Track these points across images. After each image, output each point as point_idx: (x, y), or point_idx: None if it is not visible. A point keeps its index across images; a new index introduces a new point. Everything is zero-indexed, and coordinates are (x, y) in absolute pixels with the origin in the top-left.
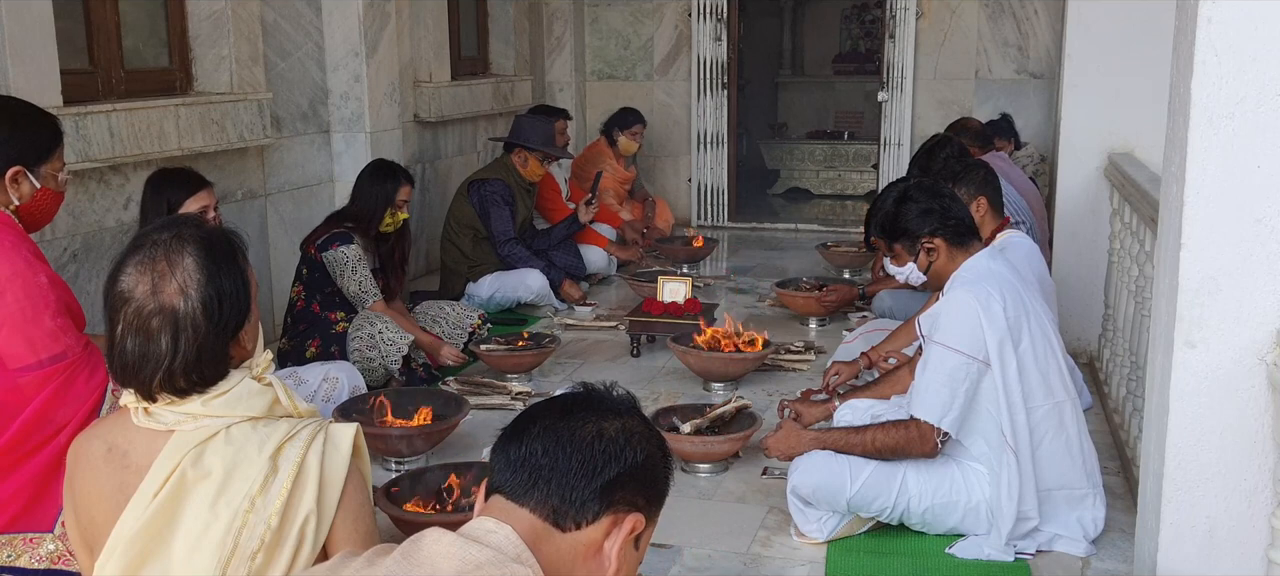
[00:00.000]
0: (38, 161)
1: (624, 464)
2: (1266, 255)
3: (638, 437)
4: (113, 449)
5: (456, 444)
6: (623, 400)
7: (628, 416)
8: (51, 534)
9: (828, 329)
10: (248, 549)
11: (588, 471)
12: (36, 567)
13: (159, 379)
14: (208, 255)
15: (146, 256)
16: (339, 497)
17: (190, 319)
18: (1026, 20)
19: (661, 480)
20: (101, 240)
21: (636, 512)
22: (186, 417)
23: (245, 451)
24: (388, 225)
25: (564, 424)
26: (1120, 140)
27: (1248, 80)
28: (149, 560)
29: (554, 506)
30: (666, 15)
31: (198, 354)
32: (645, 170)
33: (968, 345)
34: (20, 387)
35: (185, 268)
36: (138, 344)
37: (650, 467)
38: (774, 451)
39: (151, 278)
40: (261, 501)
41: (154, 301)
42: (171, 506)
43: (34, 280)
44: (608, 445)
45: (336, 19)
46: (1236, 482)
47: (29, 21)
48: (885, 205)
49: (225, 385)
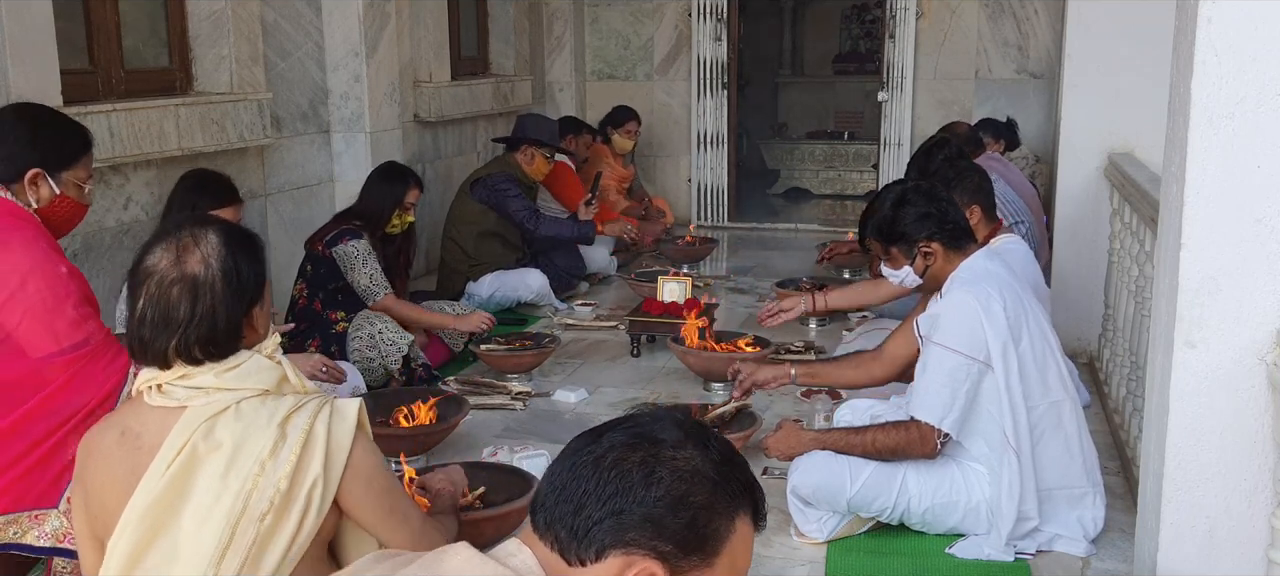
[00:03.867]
0: (59, 167)
1: (636, 498)
2: (1266, 255)
3: (670, 470)
4: (125, 433)
5: (457, 444)
6: (677, 427)
7: (671, 447)
8: (56, 509)
9: (828, 329)
10: (257, 510)
11: (597, 501)
12: (42, 543)
13: (175, 343)
14: (230, 235)
15: (172, 239)
16: (344, 464)
17: (209, 284)
18: (1026, 20)
19: (701, 525)
20: (102, 240)
21: (654, 559)
22: (198, 392)
23: (255, 423)
24: (395, 226)
25: (594, 445)
26: (1120, 140)
27: (1248, 80)
28: (159, 534)
29: (561, 537)
30: (666, 15)
31: (214, 320)
32: (645, 170)
33: (967, 346)
34: (42, 375)
35: (209, 242)
36: (159, 310)
37: (679, 507)
38: (774, 452)
39: (175, 252)
40: (271, 465)
41: (176, 270)
42: (183, 478)
43: (55, 271)
44: (625, 475)
45: (336, 19)
46: (1236, 482)
47: (29, 21)
48: (882, 208)
49: (237, 359)
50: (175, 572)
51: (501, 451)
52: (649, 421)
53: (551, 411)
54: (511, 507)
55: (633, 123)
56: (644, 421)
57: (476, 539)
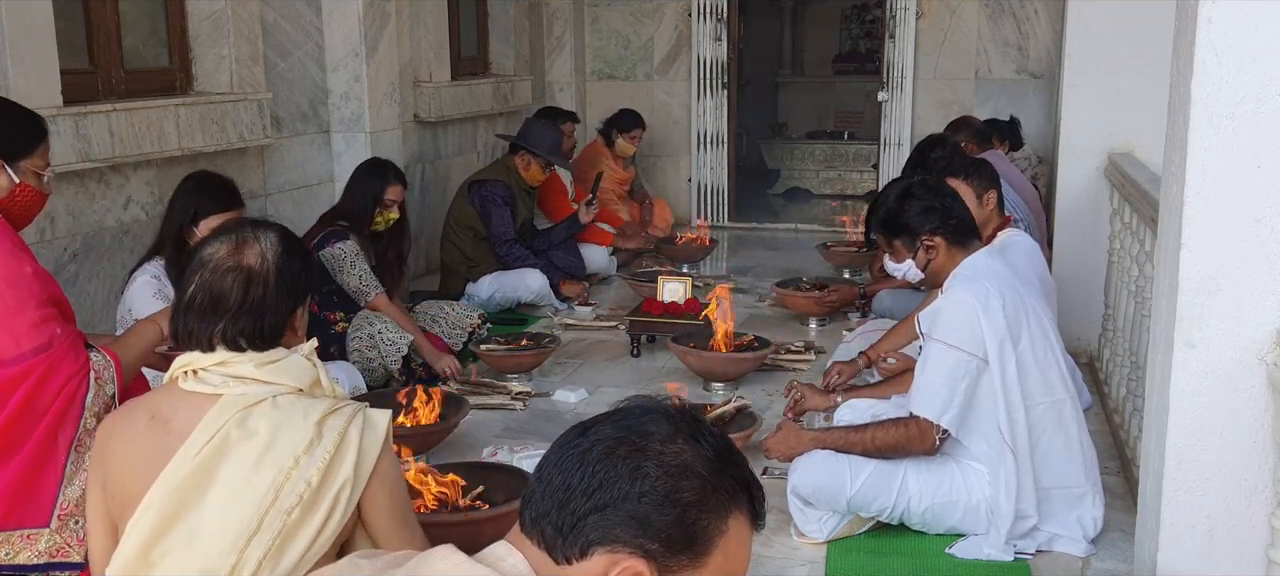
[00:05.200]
0: (16, 156)
1: (621, 493)
2: (1266, 255)
3: (658, 465)
4: (156, 416)
5: (457, 444)
6: (668, 420)
7: (660, 441)
8: (48, 529)
9: (828, 329)
10: (286, 503)
11: (583, 496)
12: (36, 562)
13: (222, 327)
14: (288, 238)
15: (232, 234)
16: (371, 471)
17: (263, 276)
18: (1026, 20)
19: (689, 523)
20: (101, 240)
21: (640, 557)
22: (236, 381)
23: (292, 416)
24: (379, 223)
25: (582, 439)
26: (1120, 140)
27: (1248, 80)
28: (181, 516)
29: (547, 534)
30: (666, 15)
31: (262, 310)
32: (645, 170)
33: (967, 343)
34: (5, 379)
35: (268, 239)
36: (210, 295)
37: (666, 504)
38: (774, 452)
39: (233, 244)
40: (305, 460)
41: (232, 260)
42: (212, 463)
43: (18, 271)
44: (611, 469)
45: (336, 19)
46: (1236, 482)
47: (29, 21)
48: (886, 202)
49: (277, 354)
50: (193, 553)
51: (501, 451)
52: (639, 414)
53: (551, 411)
54: (511, 508)
55: (638, 130)
56: (634, 414)
57: (476, 539)
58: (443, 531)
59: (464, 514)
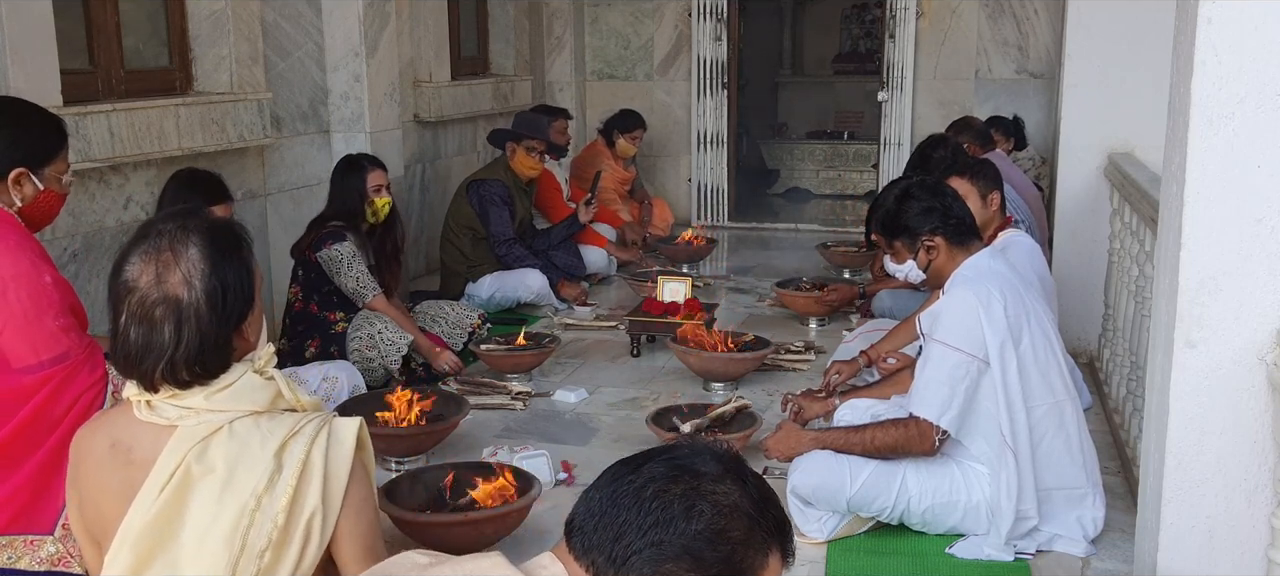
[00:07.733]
0: (42, 163)
1: (676, 530)
2: (1266, 255)
3: (711, 504)
4: (116, 444)
5: (456, 444)
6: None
7: (711, 480)
8: (52, 536)
9: (828, 329)
10: (256, 547)
11: (638, 531)
12: (38, 569)
13: (161, 369)
14: (212, 245)
15: (151, 247)
16: (343, 493)
17: (194, 309)
18: (1026, 20)
19: (737, 560)
20: (102, 240)
21: None
22: (189, 412)
23: (249, 447)
24: (372, 216)
25: (634, 476)
26: (1120, 140)
27: (1248, 80)
28: (158, 554)
29: (599, 564)
30: (666, 15)
31: (200, 344)
32: (645, 170)
33: (967, 343)
34: (21, 387)
35: (189, 258)
36: (141, 333)
37: (718, 541)
38: (774, 452)
39: (156, 267)
40: (267, 499)
41: (158, 291)
42: (178, 501)
43: (38, 280)
44: (666, 506)
45: (336, 19)
46: (1236, 482)
47: (29, 21)
48: (887, 202)
49: (227, 378)
50: None
51: (501, 451)
52: (688, 453)
53: (551, 411)
54: (511, 508)
55: (639, 130)
56: (683, 453)
57: (476, 539)
58: (443, 531)
59: (464, 514)
